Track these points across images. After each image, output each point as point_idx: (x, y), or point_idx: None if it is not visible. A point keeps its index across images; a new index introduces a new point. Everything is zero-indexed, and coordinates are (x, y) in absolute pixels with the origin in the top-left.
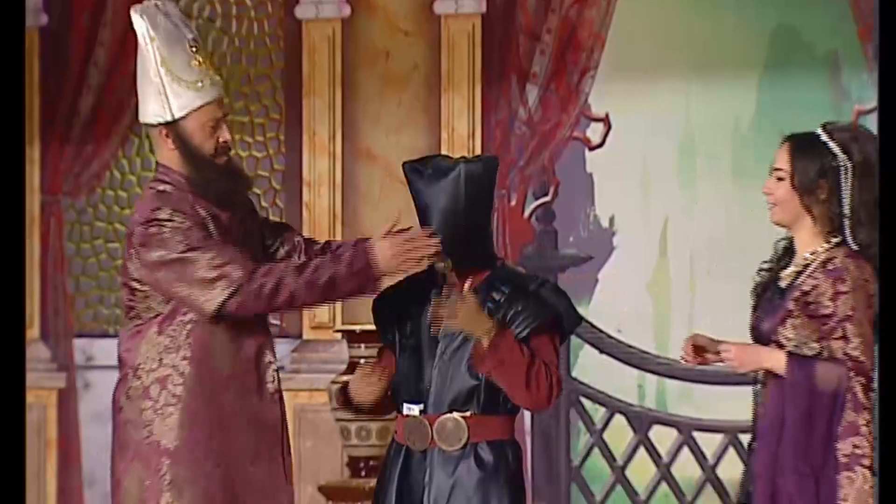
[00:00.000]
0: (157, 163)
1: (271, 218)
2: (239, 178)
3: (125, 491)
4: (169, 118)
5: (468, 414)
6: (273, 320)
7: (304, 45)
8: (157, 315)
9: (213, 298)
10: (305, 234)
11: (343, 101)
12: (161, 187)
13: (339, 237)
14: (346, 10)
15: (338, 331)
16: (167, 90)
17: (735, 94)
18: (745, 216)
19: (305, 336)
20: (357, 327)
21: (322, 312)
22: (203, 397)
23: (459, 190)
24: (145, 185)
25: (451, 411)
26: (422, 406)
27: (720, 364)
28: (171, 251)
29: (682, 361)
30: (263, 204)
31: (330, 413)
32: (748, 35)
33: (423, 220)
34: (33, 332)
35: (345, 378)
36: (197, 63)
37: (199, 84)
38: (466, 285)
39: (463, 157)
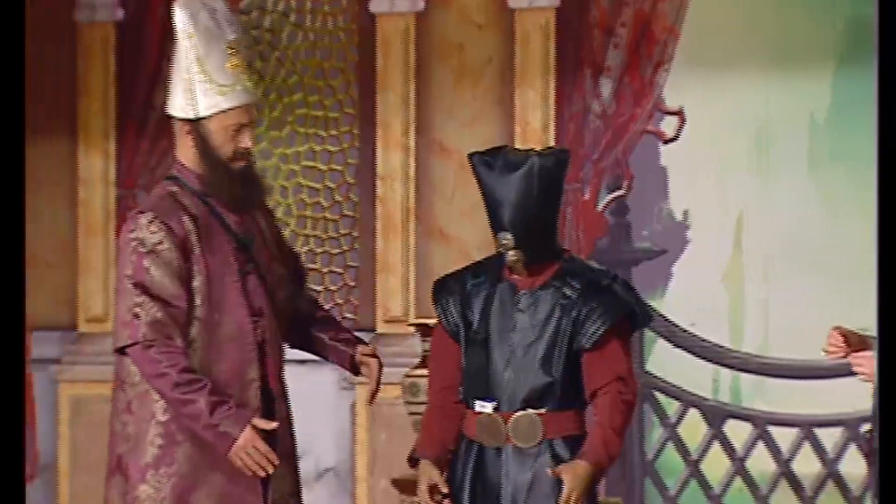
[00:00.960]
0: (173, 157)
1: (344, 212)
2: (254, 185)
3: (111, 500)
4: (192, 116)
5: (543, 411)
6: (347, 314)
7: (378, 38)
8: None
9: (117, 340)
10: (379, 229)
11: (417, 94)
12: (171, 187)
13: (412, 231)
14: (420, 4)
15: (411, 324)
16: (196, 88)
17: (810, 86)
18: (820, 209)
19: (379, 329)
20: (431, 321)
21: (395, 306)
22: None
23: (532, 184)
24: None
25: (524, 408)
26: (495, 403)
27: (796, 358)
28: (123, 271)
29: (824, 354)
30: (337, 198)
31: (403, 406)
32: (823, 27)
33: (493, 213)
34: (108, 325)
35: (418, 372)
36: (232, 66)
37: (230, 87)
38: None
39: (532, 149)
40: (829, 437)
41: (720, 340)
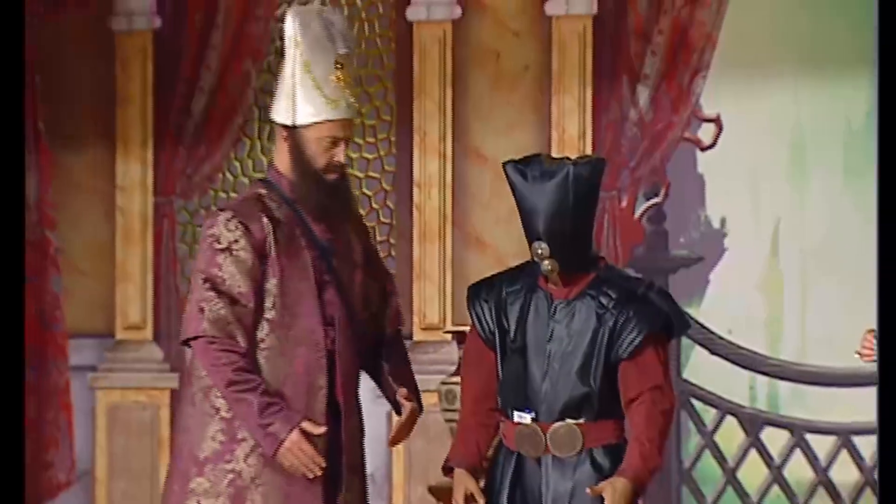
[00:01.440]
0: (270, 160)
1: (381, 219)
2: (344, 199)
3: (169, 491)
4: (290, 123)
5: (581, 421)
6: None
7: (415, 46)
8: None
9: (183, 331)
10: (416, 235)
11: (454, 101)
12: (260, 189)
13: (449, 238)
14: (457, 12)
15: (448, 332)
16: (297, 96)
17: (846, 92)
18: (856, 216)
19: (416, 337)
20: (467, 328)
21: (432, 313)
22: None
23: (567, 193)
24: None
25: (563, 419)
26: (533, 414)
27: (834, 365)
28: (197, 265)
29: (857, 356)
30: (374, 205)
31: (440, 414)
32: (859, 33)
33: (527, 223)
34: (146, 332)
35: (454, 380)
36: (336, 79)
37: (332, 100)
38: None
39: (567, 158)
40: (868, 445)
41: (757, 348)
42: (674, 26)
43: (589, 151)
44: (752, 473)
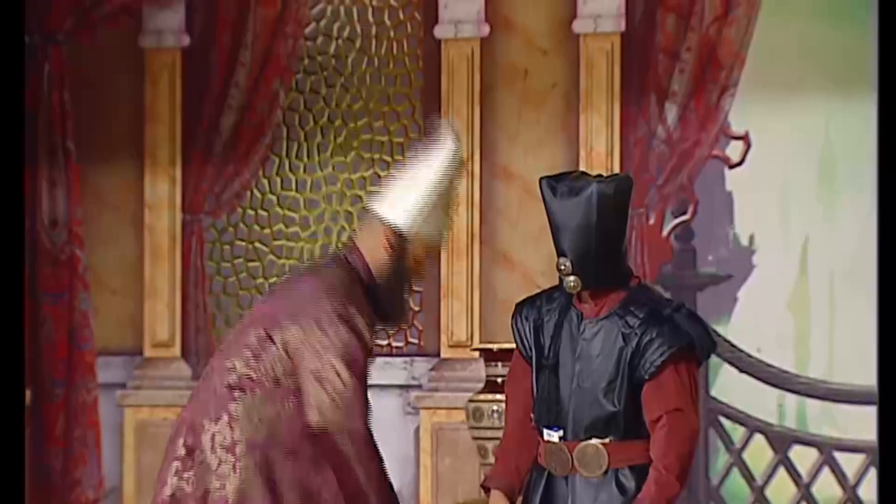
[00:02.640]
0: (352, 243)
1: None
2: (404, 312)
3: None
4: (404, 228)
5: (607, 440)
6: (412, 339)
7: (443, 64)
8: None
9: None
10: (444, 253)
11: (482, 119)
12: (350, 257)
13: (476, 256)
14: (485, 30)
15: (475, 349)
16: (423, 209)
17: (875, 109)
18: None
19: (443, 354)
20: (495, 346)
21: (459, 331)
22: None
23: (591, 210)
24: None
25: (589, 437)
26: (561, 432)
27: (862, 383)
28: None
29: None
30: None
31: (467, 431)
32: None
33: (556, 238)
34: (174, 350)
35: (482, 397)
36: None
37: (445, 230)
38: None
39: (599, 176)
40: None
41: (786, 366)
42: (702, 44)
43: (617, 169)
44: (781, 491)
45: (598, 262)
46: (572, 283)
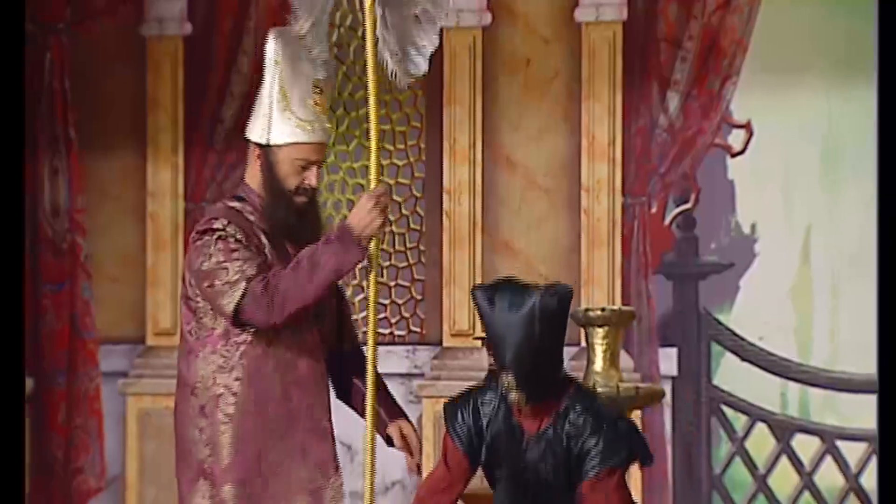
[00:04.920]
0: (241, 179)
1: (411, 226)
2: (312, 220)
3: None
4: (264, 142)
5: None
6: (414, 328)
7: (445, 53)
8: (211, 332)
9: (231, 301)
10: (446, 242)
11: (483, 108)
12: (231, 203)
13: (479, 244)
14: (487, 19)
15: (478, 338)
16: (273, 116)
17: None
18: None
19: (446, 343)
20: None
21: (462, 319)
22: (254, 419)
23: (534, 324)
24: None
25: None
26: None
27: (865, 372)
28: (214, 259)
29: None
30: (404, 212)
31: None
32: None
33: (496, 349)
34: (176, 338)
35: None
36: (313, 103)
37: (307, 123)
38: None
39: (535, 285)
40: None
41: (788, 354)
42: (704, 32)
43: (619, 158)
44: (783, 480)
45: (540, 374)
46: (515, 398)
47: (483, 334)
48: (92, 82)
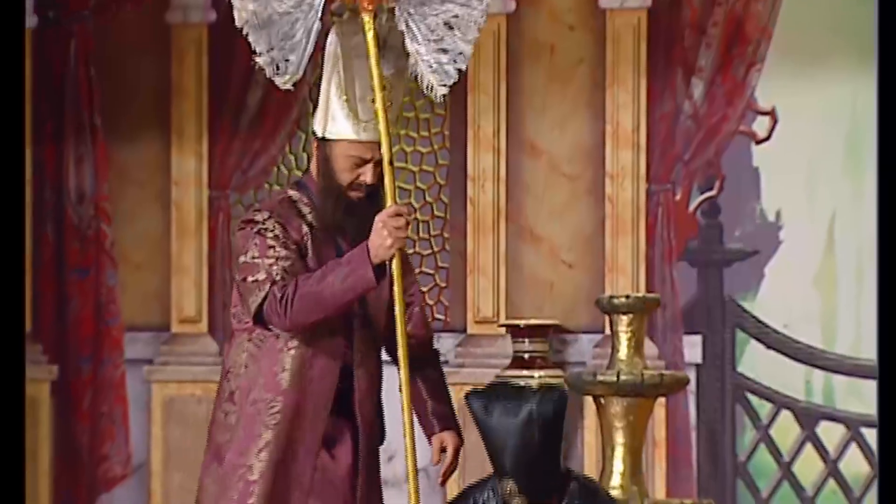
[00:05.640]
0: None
1: (435, 213)
2: (365, 216)
3: (205, 489)
4: (321, 135)
5: None
6: (438, 315)
7: None
8: (249, 321)
9: (255, 300)
10: (470, 229)
11: (507, 95)
12: (290, 192)
13: (502, 232)
14: (511, 5)
15: (502, 325)
16: (330, 110)
17: None
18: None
19: (470, 331)
20: (521, 322)
21: (486, 307)
22: (266, 409)
23: (533, 432)
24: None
25: None
26: None
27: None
28: (250, 254)
29: None
30: (428, 199)
31: None
32: None
33: (495, 457)
34: (201, 326)
35: (509, 373)
36: (371, 101)
37: (364, 122)
38: None
39: (530, 389)
40: None
41: (813, 342)
42: (729, 18)
43: (643, 144)
44: (808, 467)
45: (541, 477)
46: (517, 502)
47: (507, 322)
48: (117, 70)
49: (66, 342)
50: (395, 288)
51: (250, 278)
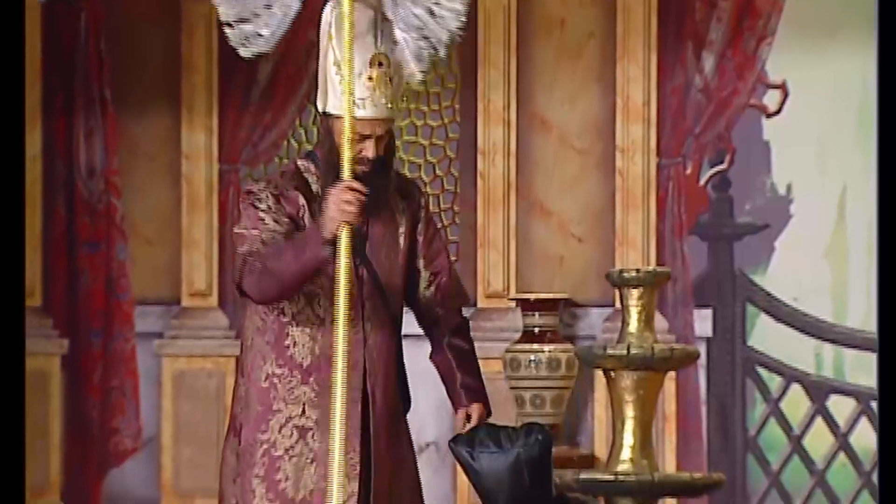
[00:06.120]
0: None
1: (445, 187)
2: (376, 189)
3: (226, 461)
4: (322, 110)
5: None
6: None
7: (480, 14)
8: None
9: (236, 271)
10: (480, 203)
11: (518, 69)
12: (300, 161)
13: (513, 206)
14: None
15: (512, 299)
16: (328, 87)
17: None
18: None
19: (480, 304)
20: (531, 296)
21: (496, 281)
22: (283, 385)
23: (523, 476)
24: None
25: None
26: None
27: None
28: (242, 224)
29: None
30: (438, 173)
31: (504, 381)
32: None
33: (487, 500)
34: (211, 300)
35: (518, 347)
36: (369, 79)
37: (358, 100)
38: None
39: (512, 429)
40: None
41: (823, 315)
42: None
43: (654, 118)
44: (818, 441)
45: None
46: None
47: (517, 296)
48: (127, 43)
49: (76, 316)
50: (341, 263)
51: (239, 248)
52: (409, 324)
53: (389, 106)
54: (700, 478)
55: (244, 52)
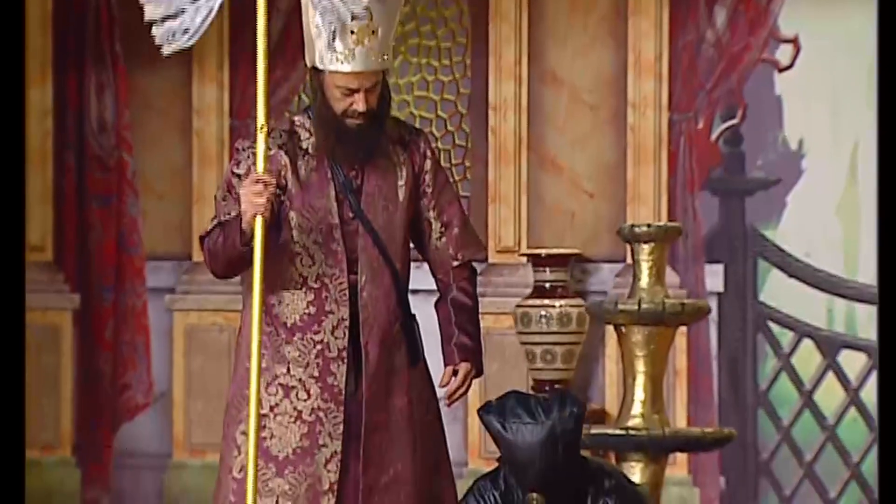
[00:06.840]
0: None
1: (456, 142)
2: (369, 142)
3: (227, 411)
4: (309, 63)
5: None
6: None
7: None
8: None
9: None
10: (491, 158)
11: (529, 24)
12: (296, 118)
13: (524, 161)
14: None
15: (523, 254)
16: (314, 43)
17: None
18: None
19: (491, 260)
20: (542, 251)
21: (507, 236)
22: (272, 343)
23: (557, 449)
24: None
25: None
26: None
27: None
28: (220, 191)
29: None
30: (449, 128)
31: (515, 336)
32: None
33: (520, 473)
34: None
35: (530, 303)
36: (352, 33)
37: (344, 54)
38: None
39: (545, 400)
40: None
41: (835, 270)
42: None
43: (665, 73)
44: (829, 396)
45: (566, 484)
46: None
47: (528, 251)
48: None
49: (88, 271)
50: (255, 254)
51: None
52: (426, 280)
53: (374, 58)
54: (711, 433)
55: (166, 50)
